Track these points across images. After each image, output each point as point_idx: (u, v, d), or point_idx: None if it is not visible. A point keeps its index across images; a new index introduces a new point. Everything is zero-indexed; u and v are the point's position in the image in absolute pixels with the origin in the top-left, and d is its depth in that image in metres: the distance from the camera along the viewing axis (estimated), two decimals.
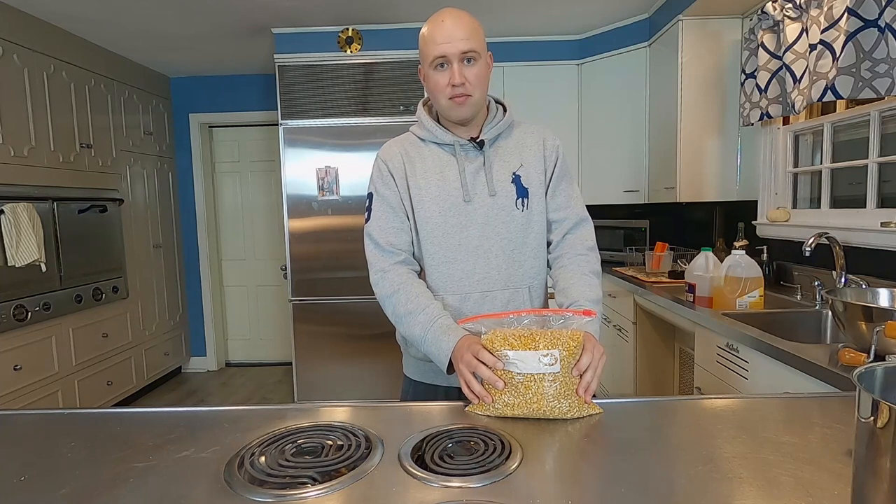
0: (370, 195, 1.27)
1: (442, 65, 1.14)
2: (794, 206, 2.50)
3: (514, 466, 0.76)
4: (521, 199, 1.22)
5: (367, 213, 1.27)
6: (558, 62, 3.54)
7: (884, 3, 1.67)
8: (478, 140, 1.22)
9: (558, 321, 1.00)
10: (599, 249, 4.00)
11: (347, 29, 3.23)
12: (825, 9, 1.90)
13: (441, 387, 1.27)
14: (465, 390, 0.98)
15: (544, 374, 0.92)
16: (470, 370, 0.98)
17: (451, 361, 1.06)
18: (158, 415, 1.00)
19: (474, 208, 1.21)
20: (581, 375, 0.95)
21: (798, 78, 2.07)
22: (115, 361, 3.46)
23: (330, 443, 0.85)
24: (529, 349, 0.93)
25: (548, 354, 0.92)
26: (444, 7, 1.19)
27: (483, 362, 0.95)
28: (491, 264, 1.21)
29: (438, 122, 1.26)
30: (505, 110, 1.27)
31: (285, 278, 3.35)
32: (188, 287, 4.39)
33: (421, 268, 1.26)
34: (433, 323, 1.10)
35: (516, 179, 1.22)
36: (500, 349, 0.94)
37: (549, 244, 1.30)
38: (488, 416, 0.95)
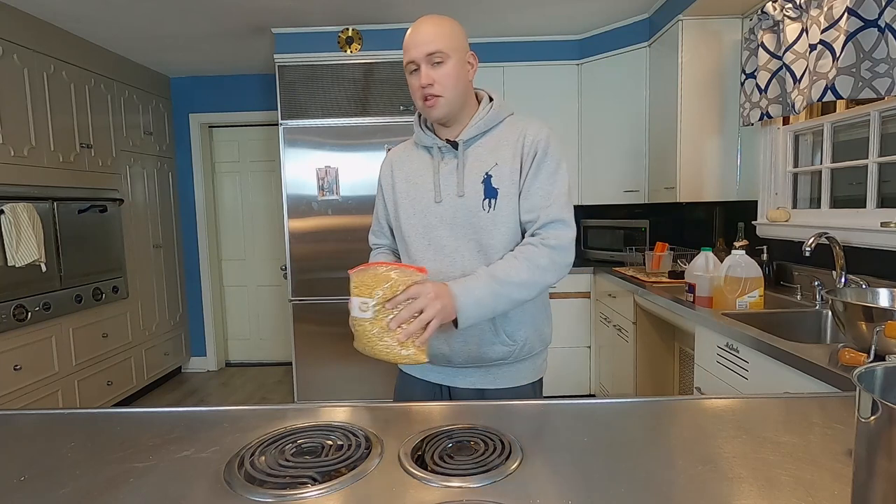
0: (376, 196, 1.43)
1: (414, 68, 1.19)
2: (794, 206, 2.50)
3: (514, 466, 0.76)
4: (488, 200, 1.20)
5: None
6: (558, 62, 3.54)
7: (884, 3, 1.67)
8: (453, 141, 1.23)
9: (375, 272, 1.09)
10: (600, 249, 3.95)
11: (347, 29, 3.23)
12: (825, 9, 1.90)
13: (419, 379, 1.32)
14: None
15: (365, 318, 1.06)
16: None
17: None
18: (158, 415, 1.00)
19: (444, 209, 1.23)
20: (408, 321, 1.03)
21: (798, 78, 2.07)
22: (115, 361, 3.46)
23: (330, 443, 0.85)
24: (355, 295, 1.07)
25: (364, 302, 1.06)
26: (441, 7, 1.21)
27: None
28: (456, 264, 1.22)
29: (432, 124, 1.29)
30: (493, 108, 1.25)
31: (285, 278, 3.35)
32: (188, 287, 4.39)
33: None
34: None
35: (487, 180, 1.21)
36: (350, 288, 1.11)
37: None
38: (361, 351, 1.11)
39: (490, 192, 1.20)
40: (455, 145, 1.23)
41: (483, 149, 1.23)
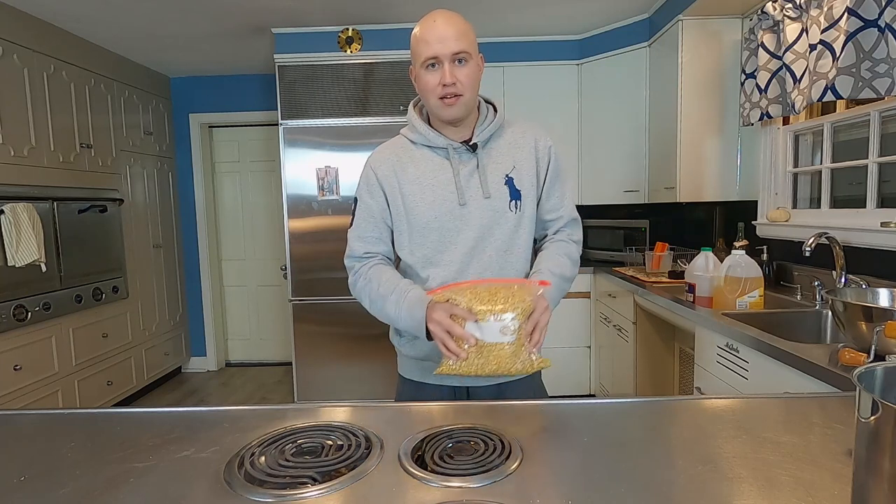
0: (356, 200, 1.29)
1: (433, 65, 1.15)
2: (794, 206, 2.50)
3: (514, 466, 0.76)
4: (514, 202, 1.22)
5: (351, 218, 1.30)
6: (558, 62, 3.54)
7: (884, 3, 1.67)
8: (471, 143, 1.22)
9: (512, 290, 1.06)
10: (600, 249, 3.98)
11: (347, 29, 3.23)
12: (825, 9, 1.90)
13: (434, 385, 1.28)
14: (441, 348, 1.05)
15: (505, 342, 1.03)
16: (443, 328, 1.04)
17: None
18: (158, 415, 1.00)
19: (469, 211, 1.21)
20: (531, 333, 1.05)
21: (798, 78, 2.07)
22: (115, 361, 3.46)
23: (330, 443, 0.85)
24: (489, 317, 1.01)
25: (506, 327, 1.02)
26: (441, 7, 1.19)
27: (455, 318, 1.04)
28: (484, 265, 1.22)
29: (430, 124, 1.25)
30: (496, 111, 1.26)
31: (285, 278, 3.35)
32: (188, 287, 4.39)
33: (412, 271, 1.27)
34: (404, 298, 1.15)
35: (509, 181, 1.22)
36: (476, 311, 1.03)
37: (539, 240, 1.34)
38: (456, 374, 1.06)
39: (515, 194, 1.23)
40: (473, 147, 1.22)
41: (496, 151, 1.24)
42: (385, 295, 1.19)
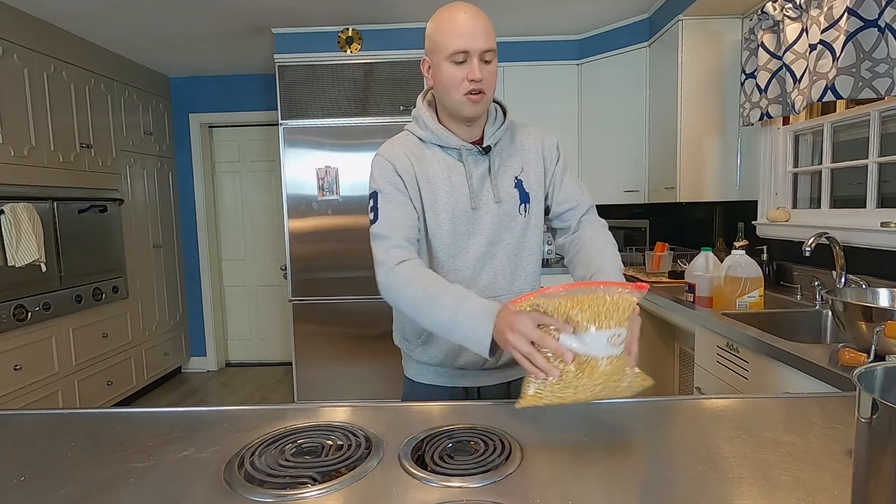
0: (374, 194, 1.16)
1: (462, 58, 1.10)
2: (794, 206, 2.50)
3: (514, 466, 0.76)
4: (523, 205, 1.22)
5: (372, 214, 1.16)
6: (558, 62, 3.54)
7: (884, 3, 1.67)
8: (483, 145, 1.20)
9: (614, 293, 0.86)
10: None
11: (347, 29, 3.23)
12: (825, 9, 1.90)
13: (445, 387, 1.26)
14: (526, 365, 0.86)
15: (615, 354, 0.84)
16: (528, 340, 0.86)
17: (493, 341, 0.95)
18: (158, 415, 1.00)
19: (481, 216, 1.19)
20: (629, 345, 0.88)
21: (798, 78, 2.07)
22: (115, 361, 3.46)
23: (330, 443, 0.85)
24: (590, 326, 0.82)
25: (616, 335, 0.82)
26: (441, 7, 1.18)
27: (544, 328, 0.85)
28: (496, 270, 1.21)
29: (438, 121, 1.22)
30: (505, 112, 1.25)
31: (285, 278, 3.35)
32: (188, 287, 4.39)
33: None
34: (461, 304, 0.99)
35: (519, 185, 1.22)
36: (576, 319, 0.83)
37: (561, 230, 1.30)
38: (543, 405, 0.86)
39: (524, 198, 1.22)
40: (486, 149, 1.20)
41: (505, 153, 1.23)
42: (435, 296, 1.01)
